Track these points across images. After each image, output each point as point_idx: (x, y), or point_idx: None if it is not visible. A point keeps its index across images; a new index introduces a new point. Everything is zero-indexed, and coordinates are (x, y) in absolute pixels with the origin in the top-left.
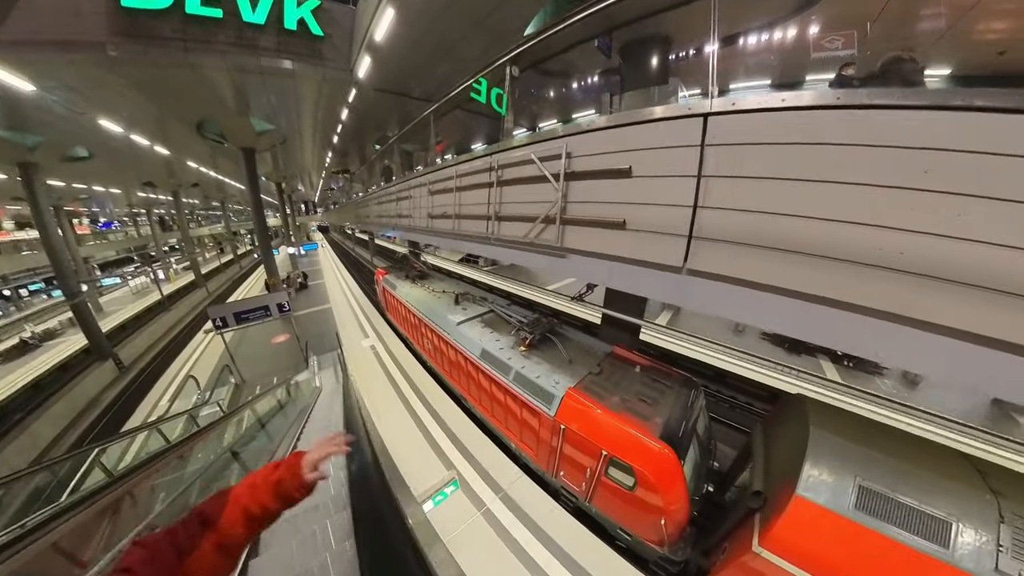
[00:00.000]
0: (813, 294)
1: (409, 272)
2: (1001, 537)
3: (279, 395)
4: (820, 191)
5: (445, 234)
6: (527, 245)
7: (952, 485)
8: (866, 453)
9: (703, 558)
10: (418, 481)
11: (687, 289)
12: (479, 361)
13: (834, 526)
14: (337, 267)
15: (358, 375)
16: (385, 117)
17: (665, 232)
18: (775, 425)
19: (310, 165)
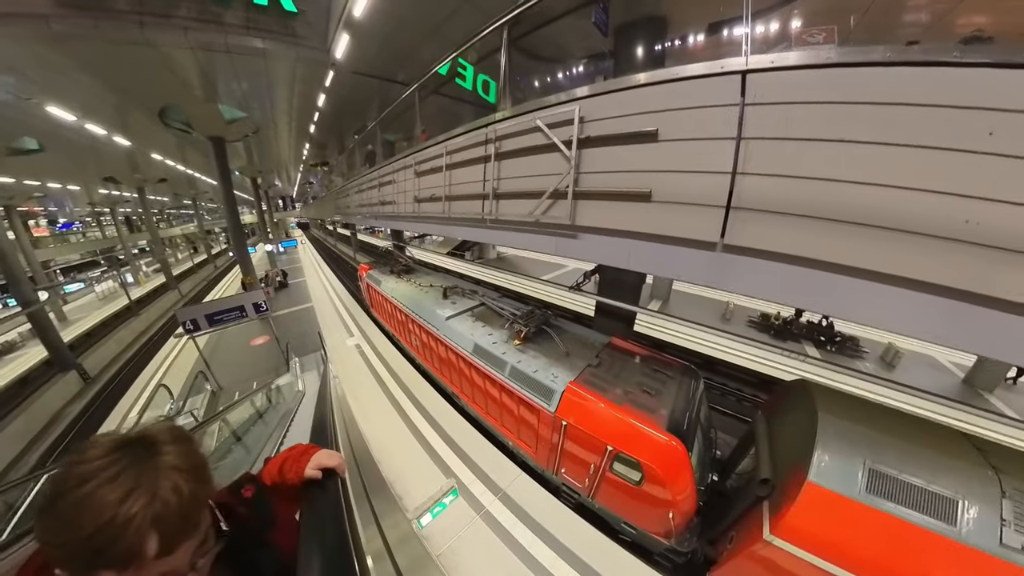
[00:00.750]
0: (878, 271)
1: (394, 266)
2: (1004, 512)
3: (258, 402)
4: (887, 155)
5: (434, 219)
6: (531, 226)
7: (954, 463)
8: (871, 435)
9: (709, 547)
10: (411, 490)
11: (722, 268)
12: (471, 357)
13: (846, 511)
14: (318, 264)
15: (343, 376)
16: (366, 105)
17: (698, 203)
18: (777, 411)
19: (287, 158)
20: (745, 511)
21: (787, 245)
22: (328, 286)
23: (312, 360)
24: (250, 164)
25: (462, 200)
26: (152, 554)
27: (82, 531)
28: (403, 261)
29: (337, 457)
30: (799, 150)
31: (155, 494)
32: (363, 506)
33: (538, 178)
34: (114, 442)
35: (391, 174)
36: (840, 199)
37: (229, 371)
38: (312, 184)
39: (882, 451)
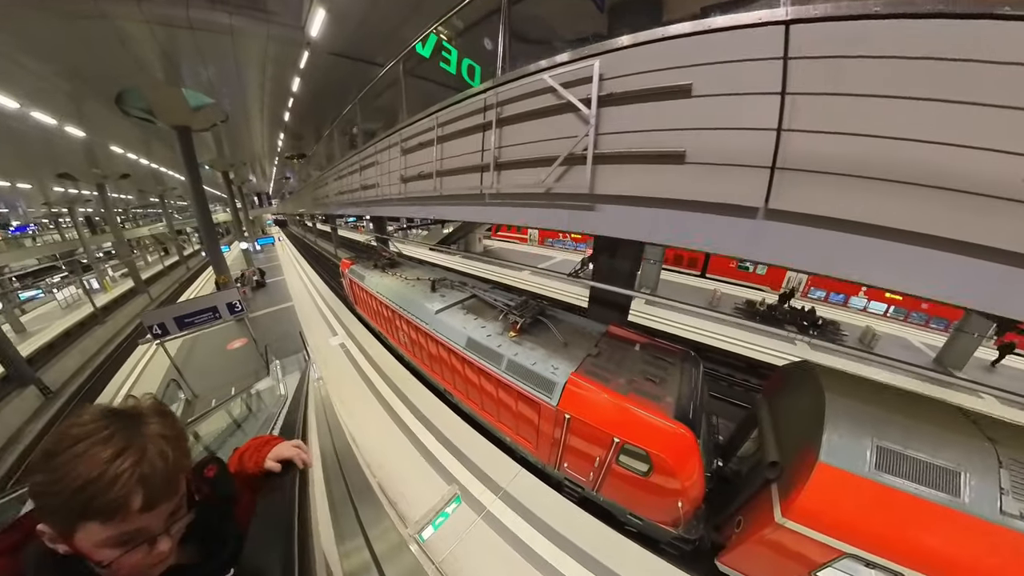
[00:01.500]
0: (934, 235)
1: (378, 261)
2: (1002, 481)
3: (236, 410)
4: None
5: (424, 200)
6: (540, 198)
7: (954, 436)
8: (876, 413)
9: (715, 533)
10: (406, 493)
11: (763, 235)
12: (465, 352)
13: (857, 489)
14: (298, 262)
15: (328, 376)
16: (344, 90)
17: (739, 163)
18: (778, 394)
19: (260, 150)
20: (753, 495)
21: (839, 209)
22: (309, 284)
23: (295, 362)
24: (221, 157)
25: (457, 175)
26: (136, 508)
27: (75, 482)
28: (387, 255)
29: (295, 448)
30: (852, 106)
31: (143, 455)
32: (347, 513)
33: (548, 143)
34: (106, 410)
35: (374, 155)
36: (898, 158)
37: (205, 377)
38: (289, 179)
39: (887, 428)
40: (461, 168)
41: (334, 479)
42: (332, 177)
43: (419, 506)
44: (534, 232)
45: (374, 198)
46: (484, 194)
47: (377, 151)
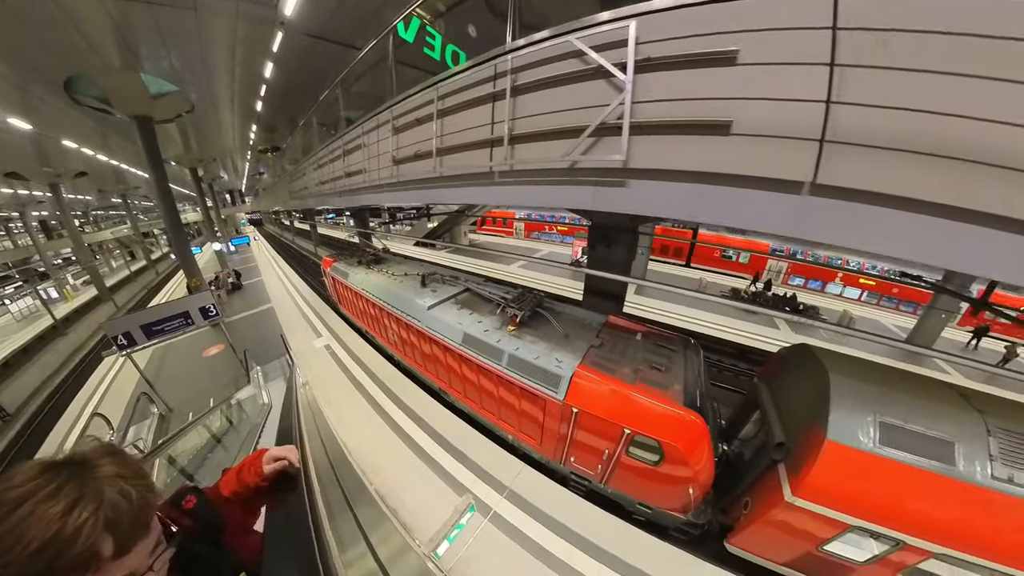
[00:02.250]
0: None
1: (362, 257)
2: (991, 448)
3: (215, 424)
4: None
5: (421, 183)
6: (562, 174)
7: (946, 409)
8: (875, 391)
9: (722, 515)
10: (406, 500)
11: (808, 212)
12: (461, 348)
13: (863, 464)
14: (276, 262)
15: (313, 380)
16: (322, 77)
17: (787, 136)
18: (778, 377)
19: (231, 144)
20: (759, 476)
21: (888, 184)
22: (288, 284)
23: (277, 367)
24: (188, 152)
25: (461, 152)
26: (109, 555)
27: (28, 548)
28: (371, 250)
29: (287, 448)
30: (905, 81)
31: (102, 500)
32: (347, 521)
33: (573, 113)
34: (43, 464)
35: (359, 137)
36: (953, 136)
37: (180, 389)
38: (262, 175)
39: (887, 404)
40: (466, 144)
41: (330, 487)
42: (311, 167)
43: (423, 514)
44: (519, 225)
45: (361, 185)
46: (494, 172)
47: (364, 132)
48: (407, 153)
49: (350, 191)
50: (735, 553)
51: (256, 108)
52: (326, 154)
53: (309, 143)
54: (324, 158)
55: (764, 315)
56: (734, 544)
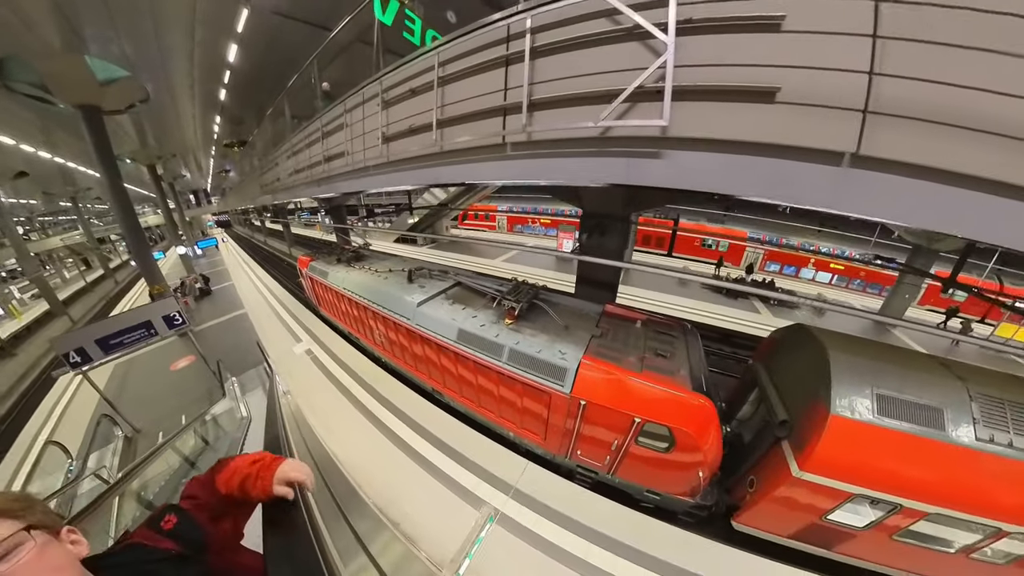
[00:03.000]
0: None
1: (341, 255)
2: (974, 412)
3: (188, 445)
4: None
5: (417, 160)
6: (591, 144)
7: (932, 378)
8: (870, 365)
9: (726, 495)
10: (408, 511)
11: (848, 184)
12: (456, 346)
13: (863, 435)
14: (247, 264)
15: (296, 389)
16: (293, 61)
17: (830, 105)
18: (774, 357)
19: (193, 139)
20: (764, 454)
21: (930, 157)
22: (262, 288)
23: (255, 377)
24: (144, 147)
25: (467, 123)
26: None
27: None
28: (351, 247)
29: (304, 469)
30: (943, 56)
31: None
32: (343, 537)
33: (603, 76)
34: None
35: (341, 116)
36: (987, 111)
37: (147, 407)
38: (228, 172)
39: (881, 378)
40: (473, 114)
41: (324, 503)
42: (283, 155)
43: (429, 525)
44: (502, 220)
45: (343, 170)
46: (507, 143)
47: (347, 110)
48: (399, 129)
49: (330, 178)
50: (742, 530)
51: (220, 97)
52: (301, 139)
53: (280, 132)
54: (299, 144)
55: (745, 300)
56: (741, 522)
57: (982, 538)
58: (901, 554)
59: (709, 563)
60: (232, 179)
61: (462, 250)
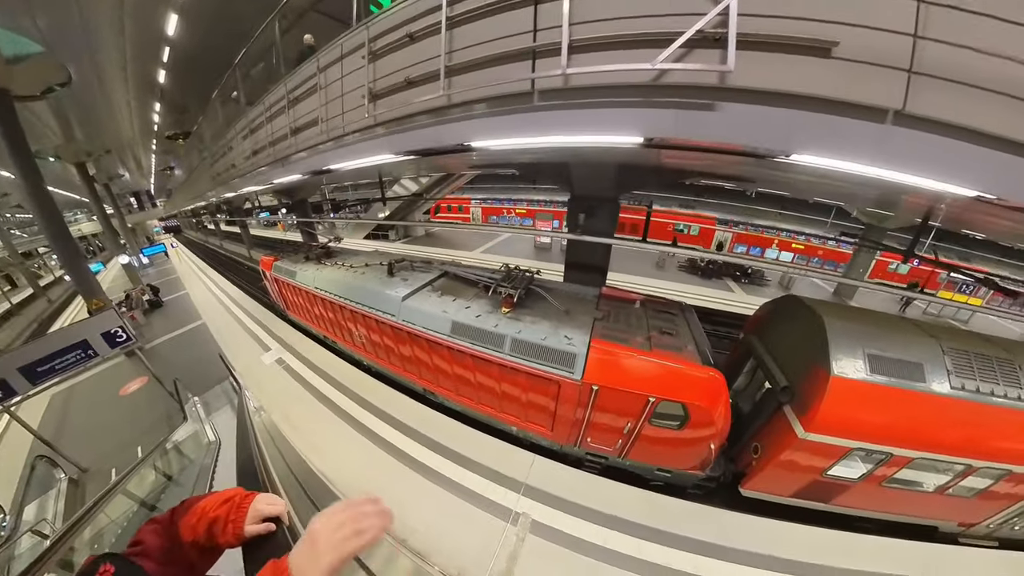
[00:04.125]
0: None
1: (309, 252)
2: (947, 364)
3: (147, 481)
4: None
5: (412, 120)
6: (634, 93)
7: (910, 338)
8: (859, 329)
9: (731, 464)
10: (421, 529)
11: (891, 141)
12: (450, 340)
13: (860, 392)
14: (203, 271)
15: (269, 403)
16: (244, 34)
17: (880, 63)
18: (766, 328)
19: (130, 131)
20: (767, 422)
21: (965, 118)
22: (220, 295)
23: (220, 395)
24: (70, 142)
25: (483, 69)
26: None
27: None
28: (319, 244)
29: (279, 502)
30: (979, 24)
31: None
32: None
33: (653, 19)
34: None
35: (314, 76)
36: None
37: (94, 441)
38: (173, 170)
39: (869, 339)
40: (492, 58)
41: None
42: (238, 137)
43: (438, 536)
44: (476, 211)
45: (316, 140)
46: (534, 92)
47: (320, 69)
48: (391, 83)
49: (298, 153)
50: (749, 496)
51: (158, 79)
52: (260, 113)
53: (233, 113)
54: (258, 119)
55: (719, 280)
56: (750, 488)
57: (955, 476)
58: (888, 499)
59: (725, 531)
60: (178, 177)
61: (437, 243)
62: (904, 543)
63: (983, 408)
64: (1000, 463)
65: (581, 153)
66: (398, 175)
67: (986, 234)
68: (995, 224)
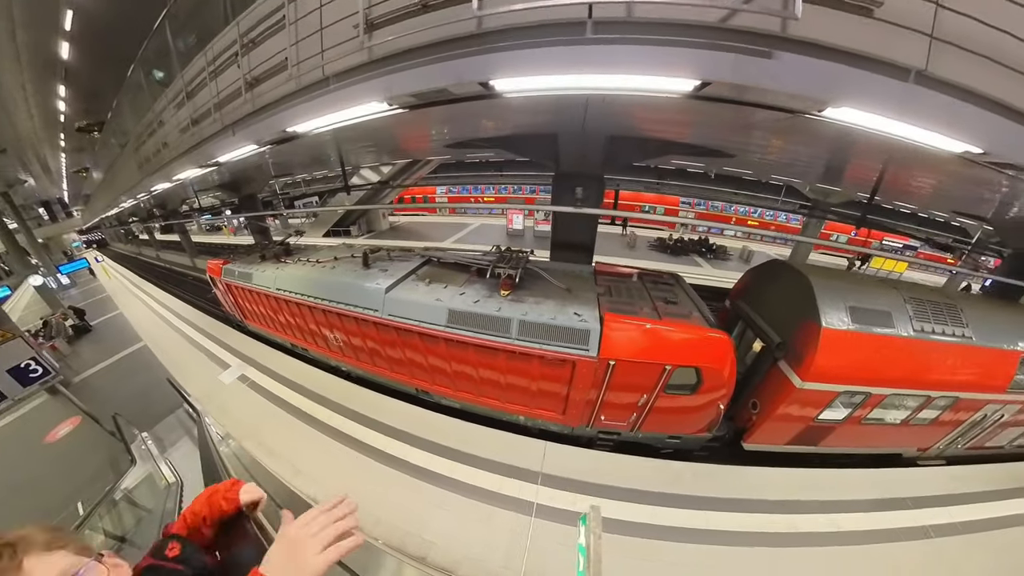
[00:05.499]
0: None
1: (266, 251)
2: (909, 311)
3: (95, 543)
4: None
5: (425, 54)
6: (696, 33)
7: (876, 290)
8: (838, 285)
9: (730, 423)
10: (440, 542)
11: (913, 99)
12: (447, 331)
13: (845, 340)
14: (138, 287)
15: (237, 428)
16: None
17: (907, 26)
18: (752, 292)
19: (29, 125)
20: (763, 378)
21: (976, 83)
22: (162, 311)
23: (175, 426)
24: None
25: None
26: None
27: None
28: (278, 240)
29: (259, 490)
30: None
31: None
32: None
33: None
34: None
35: (281, 7)
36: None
37: (17, 501)
38: (89, 172)
39: (848, 294)
40: None
41: None
42: (171, 107)
43: (461, 546)
44: (443, 201)
45: (283, 93)
46: (590, 20)
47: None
48: (396, 5)
49: (258, 113)
50: (751, 449)
51: (60, 54)
52: (202, 69)
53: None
54: (198, 78)
55: (686, 256)
56: (752, 442)
57: (917, 407)
58: (865, 435)
59: (728, 485)
60: (97, 181)
61: (403, 236)
62: (871, 471)
63: (937, 346)
64: (950, 392)
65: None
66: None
67: (910, 202)
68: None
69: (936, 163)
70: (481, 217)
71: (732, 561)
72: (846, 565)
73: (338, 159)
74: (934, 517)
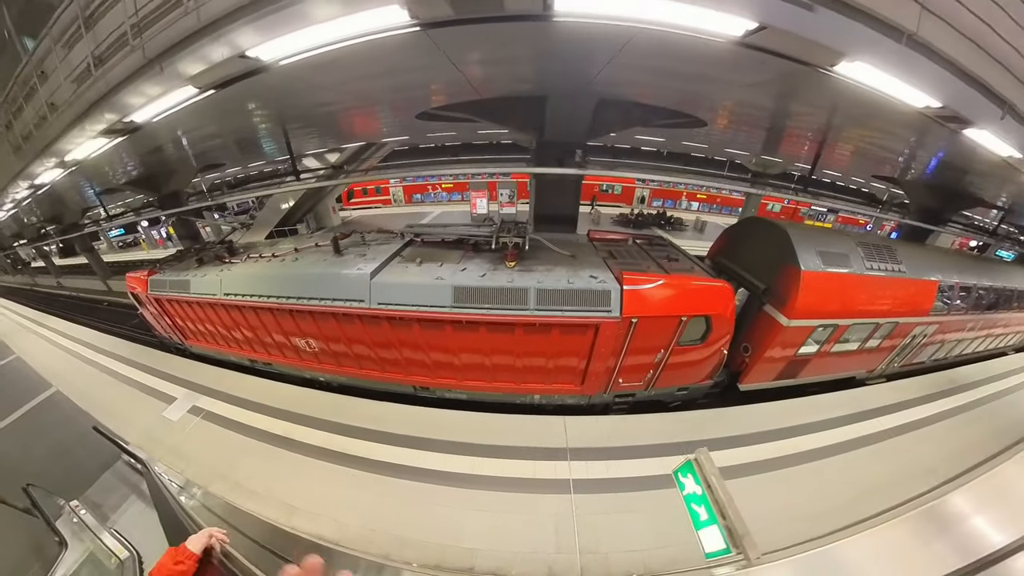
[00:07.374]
0: None
1: (203, 253)
2: (860, 252)
3: None
4: None
5: None
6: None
7: (835, 237)
8: (808, 233)
9: (725, 369)
10: (482, 548)
11: (907, 60)
12: (454, 312)
13: (821, 280)
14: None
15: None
16: None
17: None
18: (732, 247)
19: None
20: (752, 323)
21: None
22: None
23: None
24: None
25: None
26: None
27: None
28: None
29: (205, 535)
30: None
31: None
32: None
33: None
34: None
35: None
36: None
37: None
38: None
39: (817, 241)
40: None
41: None
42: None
43: (506, 545)
44: (398, 191)
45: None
46: None
47: None
48: None
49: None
50: (747, 390)
51: None
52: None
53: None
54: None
55: (647, 229)
56: (747, 382)
57: (869, 334)
58: (831, 363)
59: (727, 424)
60: None
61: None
62: (835, 394)
63: (882, 280)
64: (891, 318)
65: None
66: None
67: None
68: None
69: (881, 124)
70: (440, 205)
71: (769, 487)
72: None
73: (283, 138)
74: (889, 422)
